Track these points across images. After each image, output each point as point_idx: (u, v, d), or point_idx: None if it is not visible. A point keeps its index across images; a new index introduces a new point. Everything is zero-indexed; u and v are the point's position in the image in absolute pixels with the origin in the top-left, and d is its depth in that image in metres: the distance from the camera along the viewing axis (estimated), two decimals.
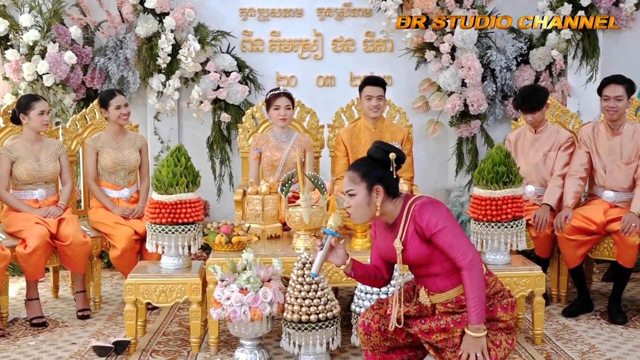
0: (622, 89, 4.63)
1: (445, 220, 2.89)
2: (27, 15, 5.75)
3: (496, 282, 3.03)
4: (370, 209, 2.97)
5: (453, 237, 2.87)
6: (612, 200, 4.75)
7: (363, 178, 2.96)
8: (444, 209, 2.96)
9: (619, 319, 4.63)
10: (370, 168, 2.99)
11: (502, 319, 2.95)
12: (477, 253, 2.87)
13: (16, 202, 4.80)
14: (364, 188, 2.95)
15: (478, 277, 2.83)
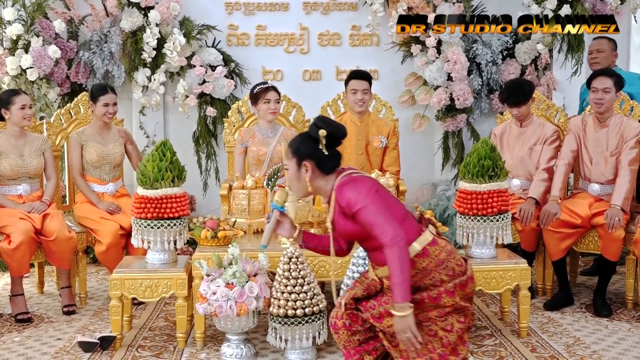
0: (611, 81, 4.66)
1: (364, 199, 2.86)
2: (10, 9, 5.70)
3: (441, 252, 2.92)
4: (301, 184, 3.03)
5: (372, 216, 2.83)
6: (597, 193, 4.78)
7: (294, 153, 3.02)
8: (364, 187, 2.91)
9: (603, 312, 4.66)
10: (301, 144, 3.03)
11: (447, 304, 2.89)
12: (400, 230, 2.79)
13: (0, 197, 4.77)
14: (294, 163, 3.01)
15: (399, 255, 2.75)
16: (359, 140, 5.15)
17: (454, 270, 2.91)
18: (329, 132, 2.98)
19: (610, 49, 5.52)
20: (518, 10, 6.23)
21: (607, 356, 3.95)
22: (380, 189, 2.97)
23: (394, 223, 2.81)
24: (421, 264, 2.89)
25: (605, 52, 5.46)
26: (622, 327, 4.44)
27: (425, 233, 2.95)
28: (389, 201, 2.96)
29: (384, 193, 2.99)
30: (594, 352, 4.02)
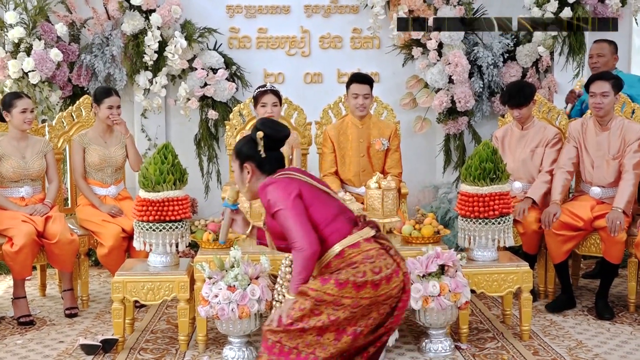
0: (609, 85, 4.65)
1: (280, 203, 2.99)
2: (12, 13, 5.71)
3: (357, 255, 3.04)
4: (244, 186, 3.15)
5: (285, 222, 3.00)
6: (599, 197, 4.78)
7: (237, 156, 3.14)
8: (282, 191, 3.02)
9: (606, 314, 4.65)
10: (242, 146, 3.16)
11: (311, 287, 2.99)
12: (309, 243, 2.96)
13: (2, 199, 4.77)
14: (237, 165, 3.12)
15: (302, 261, 2.98)
16: (361, 142, 5.15)
17: (364, 273, 3.00)
18: (267, 134, 3.09)
19: (610, 52, 5.51)
20: (519, 13, 6.24)
21: (610, 359, 3.94)
22: (309, 193, 3.08)
23: (305, 233, 2.97)
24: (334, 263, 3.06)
25: (605, 56, 5.47)
26: (625, 330, 4.44)
27: (352, 236, 3.08)
28: (315, 206, 3.07)
29: (313, 196, 3.09)
30: (596, 355, 4.01)
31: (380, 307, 3.08)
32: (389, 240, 3.25)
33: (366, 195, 4.53)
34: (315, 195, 3.11)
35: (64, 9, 6.05)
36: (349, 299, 2.98)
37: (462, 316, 4.17)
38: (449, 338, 4.08)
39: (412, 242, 4.24)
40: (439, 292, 3.86)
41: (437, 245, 4.11)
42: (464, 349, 4.10)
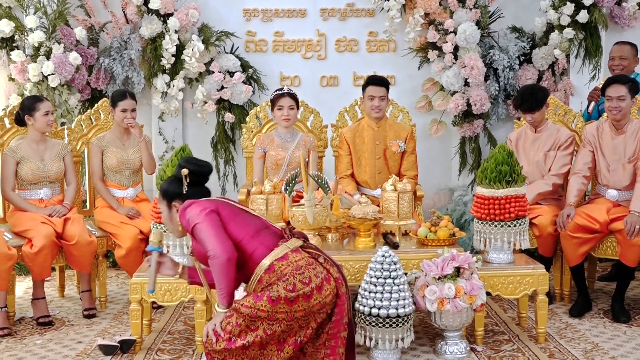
0: (625, 88, 4.63)
1: (195, 218, 3.00)
2: (32, 17, 5.76)
3: (287, 267, 3.04)
4: (175, 224, 3.13)
5: (200, 235, 3.01)
6: (615, 199, 4.76)
7: (163, 197, 3.13)
8: (197, 208, 3.04)
9: (622, 317, 4.63)
10: (168, 186, 3.17)
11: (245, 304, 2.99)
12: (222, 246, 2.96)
13: (22, 201, 4.82)
14: (165, 206, 3.12)
15: (217, 269, 2.96)
16: (377, 145, 5.16)
17: (295, 286, 3.01)
18: (191, 170, 3.13)
19: (632, 55, 5.47)
20: (535, 16, 6.23)
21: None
22: (227, 211, 3.11)
23: (218, 240, 2.98)
24: (265, 277, 3.04)
25: (628, 59, 5.42)
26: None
27: (279, 248, 3.09)
28: (233, 224, 3.10)
29: (231, 215, 3.12)
30: (613, 357, 4.00)
31: (317, 316, 3.11)
32: (318, 249, 3.26)
33: (382, 197, 4.53)
34: (235, 213, 3.14)
35: (83, 13, 6.10)
36: (283, 313, 3.00)
37: (478, 318, 4.17)
38: (464, 340, 4.08)
39: (427, 245, 4.24)
40: (454, 294, 3.86)
41: (452, 248, 4.12)
42: (479, 351, 4.10)
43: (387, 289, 3.84)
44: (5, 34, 5.81)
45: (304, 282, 3.03)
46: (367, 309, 3.86)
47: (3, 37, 5.86)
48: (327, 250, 4.19)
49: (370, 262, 3.94)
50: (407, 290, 3.89)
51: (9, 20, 5.79)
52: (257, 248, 3.07)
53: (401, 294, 3.85)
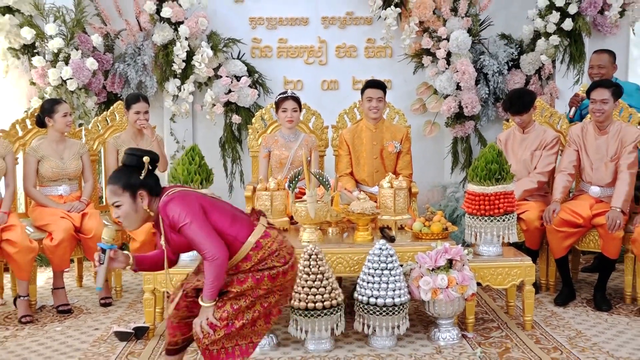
0: (609, 92, 4.64)
1: (186, 217, 2.87)
2: (52, 25, 5.77)
3: (273, 242, 3.03)
4: (139, 214, 2.94)
5: (193, 235, 2.88)
6: (597, 195, 4.76)
7: (125, 188, 2.89)
8: (184, 206, 2.91)
9: (603, 306, 4.63)
10: (129, 177, 2.92)
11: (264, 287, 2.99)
12: (218, 249, 2.88)
13: (42, 197, 4.83)
14: (128, 197, 2.89)
15: (215, 269, 2.88)
16: (374, 145, 5.16)
17: (285, 258, 3.04)
18: (151, 157, 2.98)
19: (610, 62, 5.47)
20: (523, 24, 6.23)
21: (607, 348, 3.93)
22: (205, 202, 3.01)
23: (213, 242, 2.89)
24: (256, 256, 2.99)
25: (606, 66, 5.41)
26: (621, 321, 4.42)
27: (258, 227, 3.05)
28: (214, 213, 3.00)
29: (209, 205, 3.02)
30: (595, 344, 4.00)
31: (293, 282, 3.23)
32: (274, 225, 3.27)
33: (379, 194, 4.54)
34: (210, 203, 3.06)
35: (100, 21, 6.11)
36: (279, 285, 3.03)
37: (469, 307, 4.17)
38: (456, 327, 4.09)
39: (421, 238, 4.25)
40: (447, 285, 3.86)
41: (445, 241, 4.12)
42: (470, 337, 4.10)
43: (384, 279, 3.85)
44: (27, 41, 5.82)
45: (289, 253, 3.08)
46: (365, 298, 3.87)
47: (25, 44, 5.87)
48: (328, 243, 4.23)
49: (368, 255, 3.95)
50: (402, 280, 3.90)
51: (30, 28, 5.79)
52: (239, 230, 3.01)
53: (397, 284, 3.86)
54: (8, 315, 4.67)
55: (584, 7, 5.99)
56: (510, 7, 6.40)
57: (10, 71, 6.00)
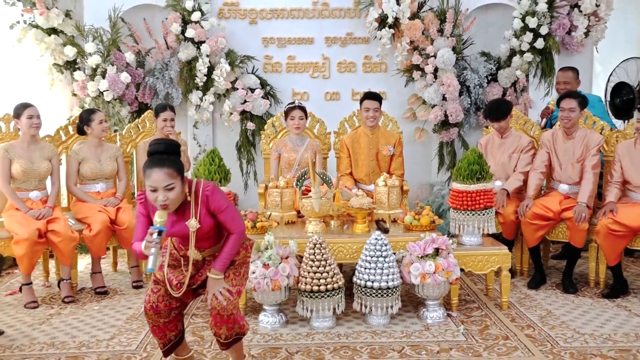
0: (575, 102, 4.64)
1: (225, 202, 2.93)
2: (91, 44, 5.78)
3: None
4: (181, 197, 2.85)
5: (231, 214, 2.94)
6: (566, 192, 4.75)
7: (179, 172, 2.80)
8: (223, 193, 2.98)
9: (570, 289, 4.63)
10: (177, 162, 2.82)
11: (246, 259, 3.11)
12: (243, 224, 2.99)
13: (83, 194, 4.84)
14: (179, 180, 2.80)
15: (238, 242, 2.96)
16: (371, 149, 5.16)
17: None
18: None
19: (574, 78, 5.50)
20: (500, 43, 6.22)
21: (574, 325, 3.93)
22: None
23: (240, 220, 3.00)
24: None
25: (570, 83, 5.45)
26: (586, 302, 4.41)
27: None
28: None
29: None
30: (563, 322, 4.00)
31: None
32: None
33: (375, 191, 4.54)
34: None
35: (132, 40, 6.11)
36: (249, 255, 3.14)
37: (453, 290, 4.17)
38: (442, 307, 4.09)
39: (412, 230, 4.24)
40: (434, 270, 3.86)
41: (432, 232, 4.12)
42: (454, 316, 4.10)
43: (379, 265, 3.85)
44: (70, 58, 5.84)
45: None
46: (362, 282, 3.87)
47: (67, 61, 5.89)
48: (330, 234, 4.23)
49: (365, 244, 3.96)
50: (395, 267, 3.90)
51: (72, 46, 5.82)
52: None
53: (390, 270, 3.86)
54: (53, 296, 4.68)
55: (554, 28, 5.99)
56: (490, 28, 6.39)
57: (55, 84, 6.01)
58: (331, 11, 6.36)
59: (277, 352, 3.53)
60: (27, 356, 3.52)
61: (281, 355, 3.48)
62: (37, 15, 5.75)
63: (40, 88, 5.97)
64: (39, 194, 4.64)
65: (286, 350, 3.55)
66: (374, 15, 6.02)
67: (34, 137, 4.62)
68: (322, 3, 6.35)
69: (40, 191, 4.65)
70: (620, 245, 4.41)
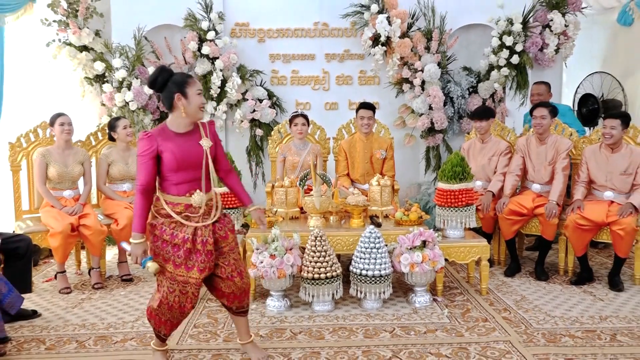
0: (546, 111, 4.64)
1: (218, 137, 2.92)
2: (118, 59, 5.78)
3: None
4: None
5: (223, 151, 2.92)
6: (538, 191, 4.75)
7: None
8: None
9: (542, 277, 4.62)
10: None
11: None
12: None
13: (111, 192, 4.84)
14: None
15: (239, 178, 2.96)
16: (365, 152, 5.15)
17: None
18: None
19: (546, 91, 5.51)
20: (480, 59, 6.21)
21: (545, 309, 3.92)
22: None
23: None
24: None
25: (543, 95, 5.45)
26: (556, 288, 4.40)
27: None
28: None
29: None
30: (536, 306, 3.99)
31: None
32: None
33: (369, 190, 4.53)
34: None
35: (154, 56, 6.11)
36: None
37: (438, 277, 4.17)
38: (428, 293, 4.08)
39: (402, 224, 4.24)
40: (421, 260, 3.86)
41: (420, 226, 4.12)
42: (439, 300, 4.10)
43: (373, 256, 3.84)
44: (99, 72, 5.84)
45: None
46: (358, 270, 3.87)
47: (97, 74, 5.88)
48: (330, 228, 4.22)
49: (360, 237, 3.95)
50: (387, 257, 3.90)
51: (101, 62, 5.82)
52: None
53: (383, 259, 3.86)
54: (84, 282, 4.68)
55: (528, 46, 5.98)
56: (470, 46, 6.38)
57: (86, 95, 6.01)
58: (330, 31, 6.35)
59: (282, 332, 3.52)
60: (62, 336, 3.52)
61: (286, 335, 3.48)
62: (71, 34, 5.75)
63: (73, 99, 5.97)
64: (72, 193, 4.64)
65: (290, 330, 3.55)
66: (368, 34, 6.01)
67: (67, 142, 4.62)
68: (323, 24, 6.34)
69: (72, 190, 4.65)
70: (586, 238, 4.40)
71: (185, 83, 2.77)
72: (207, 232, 2.79)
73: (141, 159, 2.73)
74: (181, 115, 2.78)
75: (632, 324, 3.62)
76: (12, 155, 4.72)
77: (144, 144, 2.73)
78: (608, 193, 4.46)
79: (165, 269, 2.79)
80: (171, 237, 2.75)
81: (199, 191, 2.79)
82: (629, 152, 4.43)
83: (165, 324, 2.88)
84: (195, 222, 2.77)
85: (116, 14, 5.97)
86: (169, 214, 2.76)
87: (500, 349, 3.25)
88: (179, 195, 2.77)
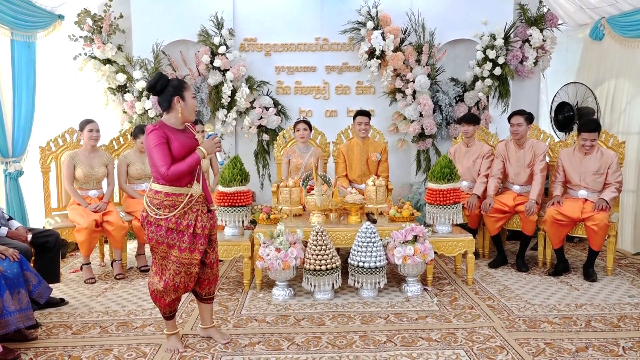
0: (522, 118, 4.64)
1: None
2: (138, 71, 5.77)
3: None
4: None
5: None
6: (518, 191, 4.73)
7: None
8: None
9: (523, 268, 4.60)
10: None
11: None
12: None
13: (131, 191, 4.82)
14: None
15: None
16: (362, 155, 5.14)
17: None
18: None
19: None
20: (466, 71, 6.19)
21: (526, 298, 3.90)
22: None
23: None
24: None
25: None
26: (535, 279, 4.38)
27: None
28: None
29: None
30: (517, 295, 3.97)
31: None
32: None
33: (366, 189, 4.52)
34: None
35: (171, 69, 6.09)
36: None
37: (428, 269, 4.15)
38: (419, 283, 4.07)
39: (395, 220, 4.22)
40: (413, 253, 3.84)
41: (412, 223, 4.10)
42: (429, 290, 4.08)
43: (369, 249, 3.83)
44: (121, 83, 5.83)
45: None
46: (355, 262, 3.85)
47: (119, 85, 5.87)
48: (329, 224, 4.20)
49: (357, 232, 3.94)
50: (382, 250, 3.88)
51: (123, 73, 5.81)
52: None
53: (378, 253, 3.84)
54: (107, 273, 4.66)
55: (509, 59, 5.97)
56: (457, 59, 6.36)
57: (109, 104, 6.00)
58: (330, 45, 6.33)
59: (287, 319, 3.51)
60: (87, 322, 3.51)
61: (290, 321, 3.46)
62: (95, 49, 5.75)
63: (97, 107, 5.96)
64: (97, 192, 4.63)
65: (294, 317, 3.53)
66: (365, 48, 6.00)
67: (93, 147, 4.61)
68: (323, 39, 6.33)
69: (97, 190, 4.64)
70: (563, 232, 4.38)
71: (183, 88, 2.84)
72: (206, 218, 2.90)
73: (158, 148, 2.72)
74: (177, 116, 2.85)
75: (605, 311, 3.60)
76: (43, 158, 4.72)
77: (157, 134, 2.74)
78: (582, 192, 4.45)
79: (171, 254, 2.83)
80: (176, 224, 2.79)
81: (196, 182, 2.86)
82: (600, 155, 4.41)
83: (169, 304, 2.95)
84: (195, 211, 2.85)
85: (136, 30, 5.96)
86: (173, 204, 2.78)
87: (485, 334, 3.23)
88: (181, 186, 2.82)
